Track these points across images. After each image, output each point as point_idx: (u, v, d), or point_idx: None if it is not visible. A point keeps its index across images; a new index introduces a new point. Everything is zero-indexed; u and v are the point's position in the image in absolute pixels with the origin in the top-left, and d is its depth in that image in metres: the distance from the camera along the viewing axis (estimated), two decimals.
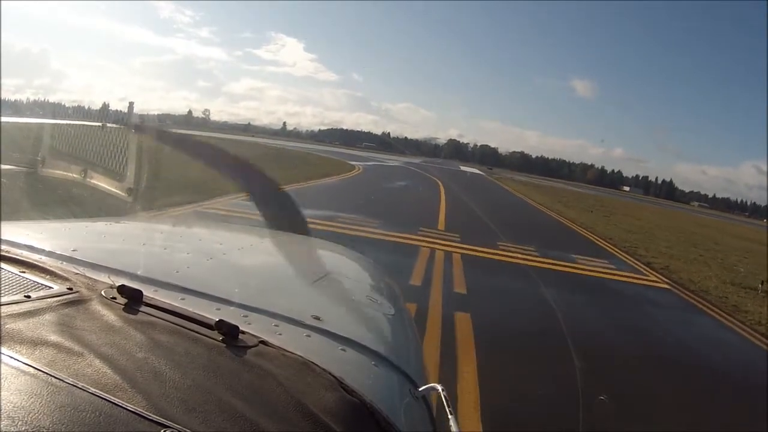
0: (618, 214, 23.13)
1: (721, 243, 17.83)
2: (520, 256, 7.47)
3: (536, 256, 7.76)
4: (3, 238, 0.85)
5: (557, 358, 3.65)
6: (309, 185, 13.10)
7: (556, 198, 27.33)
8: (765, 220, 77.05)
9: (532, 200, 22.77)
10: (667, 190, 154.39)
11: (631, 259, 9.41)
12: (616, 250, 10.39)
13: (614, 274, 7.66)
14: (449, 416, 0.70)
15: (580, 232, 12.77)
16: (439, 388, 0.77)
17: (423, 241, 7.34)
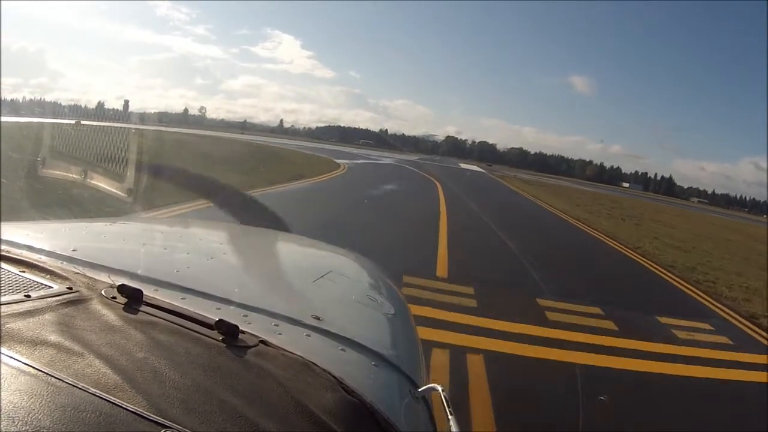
0: (645, 219, 19.61)
1: None
2: (585, 336, 4.04)
3: (610, 333, 4.24)
4: (3, 238, 0.85)
5: None
6: (268, 192, 9.43)
7: (572, 201, 23.15)
8: (765, 216, 77.16)
9: (549, 205, 18.63)
10: (667, 187, 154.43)
11: (726, 309, 6.17)
12: (691, 288, 7.16)
13: (742, 363, 4.15)
14: (449, 416, 0.70)
15: (632, 257, 9.14)
16: (439, 388, 0.77)
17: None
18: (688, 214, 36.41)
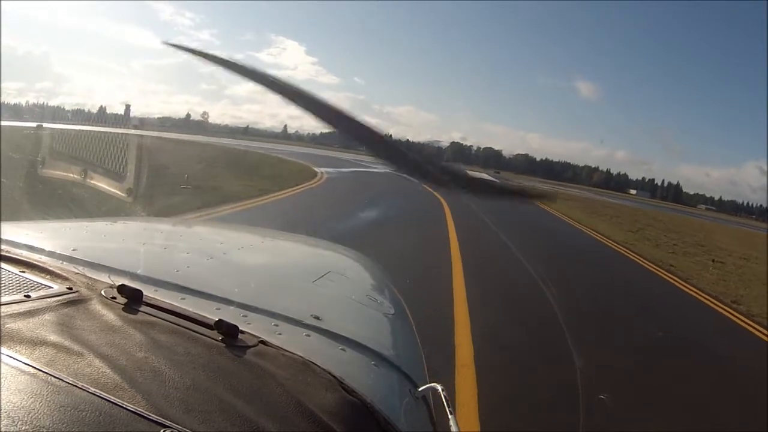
0: (714, 250, 14.10)
1: None
2: None
3: None
4: (3, 238, 0.85)
5: None
6: None
7: (615, 222, 17.70)
8: None
9: (602, 235, 12.93)
10: (675, 193, 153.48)
11: None
12: None
13: None
14: (449, 416, 0.70)
15: None
16: (439, 388, 0.77)
17: None
18: (728, 230, 30.83)
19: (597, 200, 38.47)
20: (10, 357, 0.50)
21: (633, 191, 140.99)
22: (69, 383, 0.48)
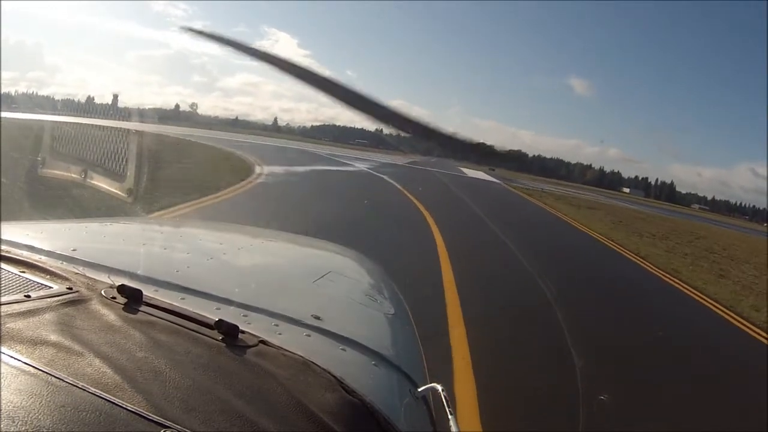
0: None
1: None
2: None
3: None
4: (3, 238, 0.85)
5: None
6: None
7: (675, 247, 13.10)
8: (766, 224, 76.84)
9: (700, 293, 7.17)
10: (668, 192, 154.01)
11: None
12: None
13: None
14: (449, 416, 0.70)
15: None
16: (439, 388, 0.77)
17: None
18: (747, 239, 25.55)
19: (615, 206, 33.14)
20: (10, 357, 0.50)
21: (626, 190, 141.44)
22: (69, 383, 0.47)
